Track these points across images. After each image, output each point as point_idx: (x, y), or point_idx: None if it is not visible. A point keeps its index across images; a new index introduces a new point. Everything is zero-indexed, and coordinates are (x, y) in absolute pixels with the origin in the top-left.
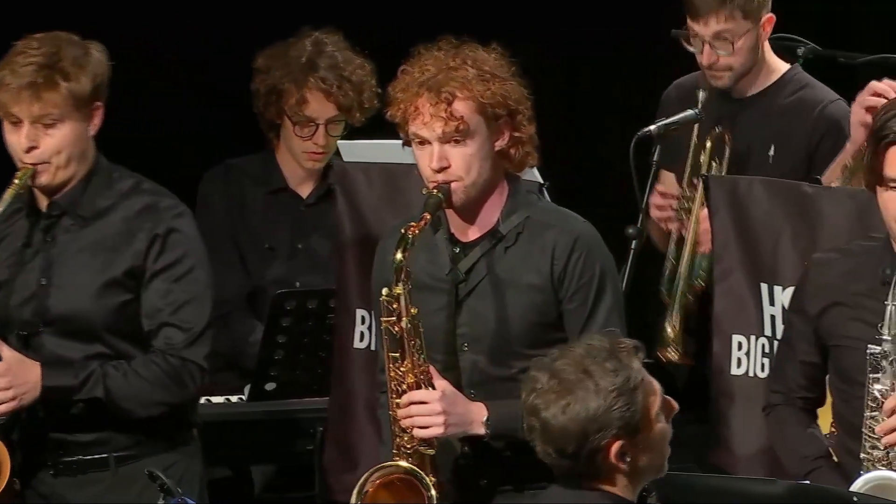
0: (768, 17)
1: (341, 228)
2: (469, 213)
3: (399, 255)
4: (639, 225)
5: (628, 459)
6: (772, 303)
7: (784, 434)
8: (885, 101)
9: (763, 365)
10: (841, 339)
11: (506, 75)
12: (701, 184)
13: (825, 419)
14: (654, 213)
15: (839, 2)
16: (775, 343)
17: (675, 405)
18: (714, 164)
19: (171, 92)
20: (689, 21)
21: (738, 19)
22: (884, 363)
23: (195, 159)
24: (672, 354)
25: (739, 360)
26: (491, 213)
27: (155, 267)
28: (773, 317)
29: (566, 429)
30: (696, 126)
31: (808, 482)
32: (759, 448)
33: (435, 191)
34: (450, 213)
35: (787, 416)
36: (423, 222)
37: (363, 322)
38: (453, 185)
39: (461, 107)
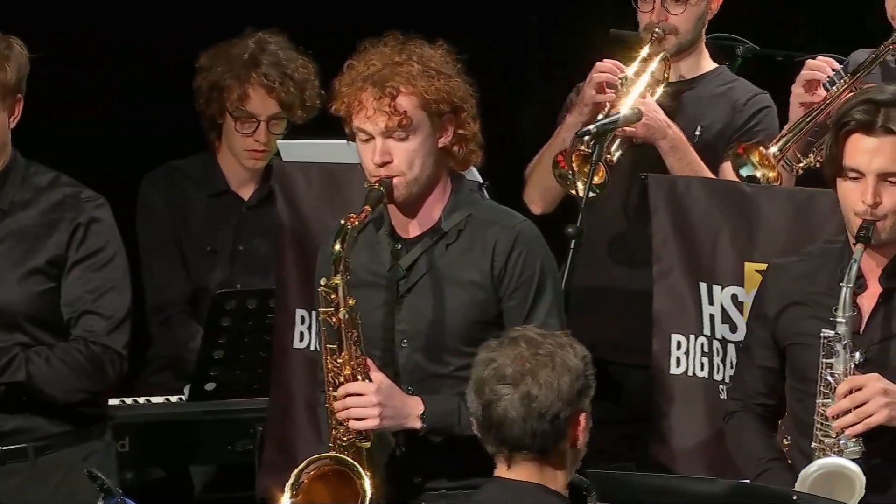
0: None
1: (281, 228)
2: (411, 209)
3: (338, 246)
4: (578, 224)
5: (581, 440)
6: (711, 302)
7: (741, 439)
8: (823, 75)
9: (702, 364)
10: (798, 336)
11: (451, 72)
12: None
13: None
14: (597, 75)
15: (776, 2)
16: (714, 342)
17: None
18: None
19: (172, 92)
20: None
21: None
22: (837, 346)
23: None
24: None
25: (679, 360)
26: (433, 211)
27: (77, 256)
28: (711, 316)
29: (558, 390)
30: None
31: (747, 481)
32: (699, 446)
33: (377, 185)
34: (392, 210)
35: (745, 421)
36: (363, 214)
37: (303, 322)
38: (395, 179)
39: (405, 102)
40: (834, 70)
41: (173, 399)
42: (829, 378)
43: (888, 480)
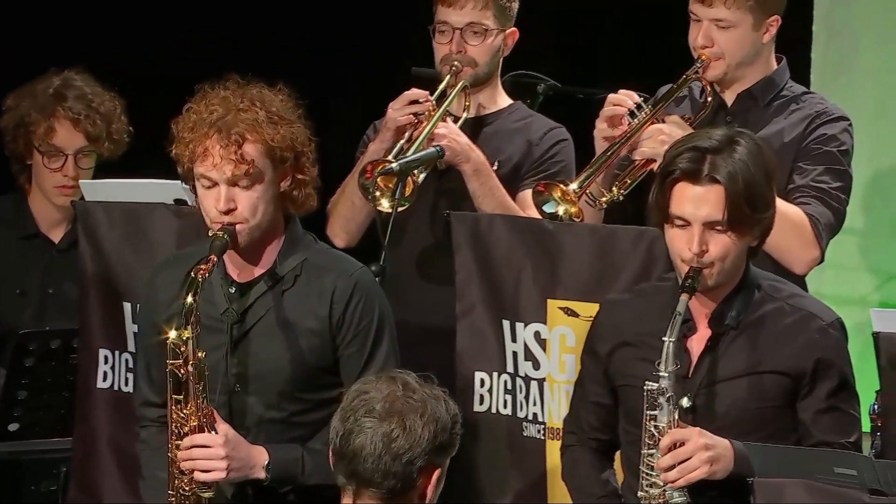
0: (512, 31)
1: (83, 268)
2: (248, 253)
3: (189, 299)
4: (381, 262)
5: (430, 495)
6: (514, 339)
7: (575, 474)
8: (624, 109)
9: (506, 402)
10: (627, 378)
11: (293, 118)
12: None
13: None
14: (391, 117)
15: (578, 40)
16: (517, 380)
17: None
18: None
19: None
20: (440, 9)
21: (491, 16)
22: (661, 400)
23: None
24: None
25: (482, 397)
26: (268, 254)
27: None
28: (515, 353)
29: (420, 437)
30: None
31: None
32: (503, 483)
33: (220, 233)
34: (229, 252)
35: (579, 456)
36: (210, 264)
37: (106, 362)
38: (238, 227)
39: (251, 150)
40: (636, 103)
41: None
42: (653, 430)
43: None
